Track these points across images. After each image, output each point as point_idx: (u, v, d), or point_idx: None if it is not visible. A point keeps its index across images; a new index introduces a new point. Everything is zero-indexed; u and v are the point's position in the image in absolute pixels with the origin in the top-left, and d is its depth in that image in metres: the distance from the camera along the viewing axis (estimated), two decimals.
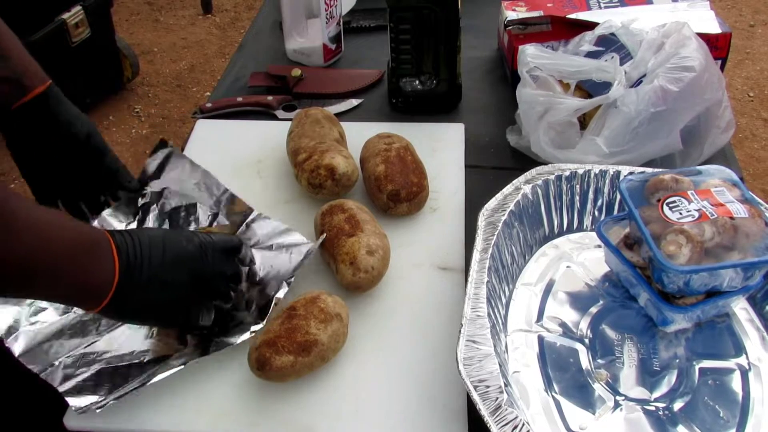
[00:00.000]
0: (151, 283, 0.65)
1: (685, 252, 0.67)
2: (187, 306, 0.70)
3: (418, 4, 1.00)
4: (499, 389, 0.60)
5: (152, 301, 0.66)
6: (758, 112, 2.61)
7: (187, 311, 0.70)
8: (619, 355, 0.72)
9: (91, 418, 0.70)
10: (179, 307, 0.69)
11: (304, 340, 0.69)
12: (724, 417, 0.67)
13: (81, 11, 2.36)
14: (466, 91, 1.12)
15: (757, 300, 0.77)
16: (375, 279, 0.78)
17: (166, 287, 0.66)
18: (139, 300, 0.65)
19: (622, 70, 0.90)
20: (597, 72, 0.92)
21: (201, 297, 0.70)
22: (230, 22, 3.30)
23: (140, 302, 0.66)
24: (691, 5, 1.06)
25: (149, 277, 0.65)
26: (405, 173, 0.88)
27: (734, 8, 3.18)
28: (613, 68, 0.91)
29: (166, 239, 0.68)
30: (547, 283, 0.79)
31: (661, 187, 0.74)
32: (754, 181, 2.32)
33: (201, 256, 0.69)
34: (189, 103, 2.79)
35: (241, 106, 1.13)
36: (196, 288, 0.69)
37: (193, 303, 0.70)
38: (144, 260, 0.64)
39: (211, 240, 0.72)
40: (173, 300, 0.68)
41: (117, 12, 3.10)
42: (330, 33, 1.20)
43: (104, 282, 0.62)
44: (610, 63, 0.92)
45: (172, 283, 0.67)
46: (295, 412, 0.70)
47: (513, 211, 0.78)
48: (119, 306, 0.64)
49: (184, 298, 0.69)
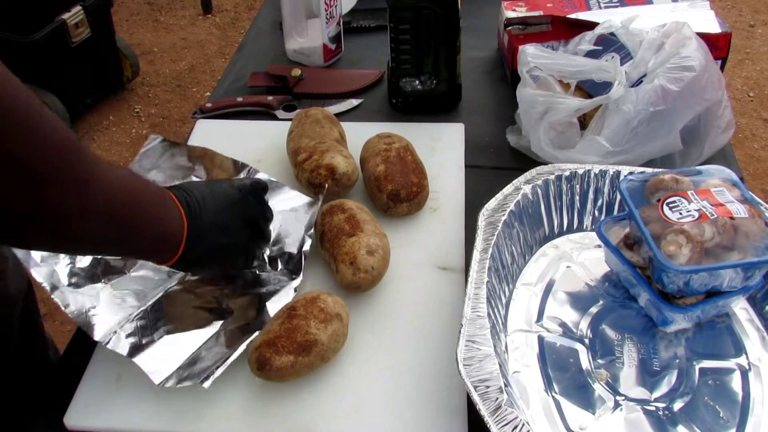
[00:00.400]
0: (212, 228, 0.68)
1: (685, 252, 0.67)
2: (245, 247, 0.74)
3: (418, 4, 1.00)
4: (499, 389, 0.60)
5: (216, 245, 0.69)
6: (758, 112, 2.61)
7: (245, 253, 0.75)
8: (619, 355, 0.72)
9: (91, 417, 0.70)
10: (238, 249, 0.73)
11: (304, 340, 0.69)
12: (724, 417, 0.67)
13: (81, 11, 2.36)
14: (466, 91, 1.12)
15: (757, 300, 0.77)
16: (375, 279, 0.78)
17: (225, 231, 0.70)
18: (205, 246, 0.68)
19: (623, 70, 0.90)
20: (597, 72, 0.92)
21: (251, 238, 0.75)
22: (230, 22, 3.30)
23: (207, 248, 0.68)
24: (691, 5, 1.06)
25: (210, 222, 0.68)
26: (405, 173, 0.88)
27: (734, 8, 3.18)
28: (614, 68, 0.91)
29: (212, 188, 0.71)
30: (547, 283, 0.79)
31: (661, 187, 0.74)
32: (754, 181, 2.32)
33: (243, 199, 0.73)
34: (189, 103, 2.79)
35: (241, 106, 1.13)
36: (247, 229, 0.73)
37: (247, 244, 0.74)
38: (202, 209, 0.67)
39: (245, 184, 0.75)
40: (232, 243, 0.71)
41: (117, 12, 3.11)
42: (330, 33, 1.20)
43: (177, 231, 0.64)
44: (611, 63, 0.92)
45: (229, 227, 0.70)
46: (295, 412, 0.70)
47: (513, 211, 0.78)
48: (191, 254, 0.66)
49: (240, 239, 0.73)
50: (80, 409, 0.71)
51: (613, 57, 0.93)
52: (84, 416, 0.70)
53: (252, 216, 0.74)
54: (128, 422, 0.70)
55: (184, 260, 0.66)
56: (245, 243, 0.74)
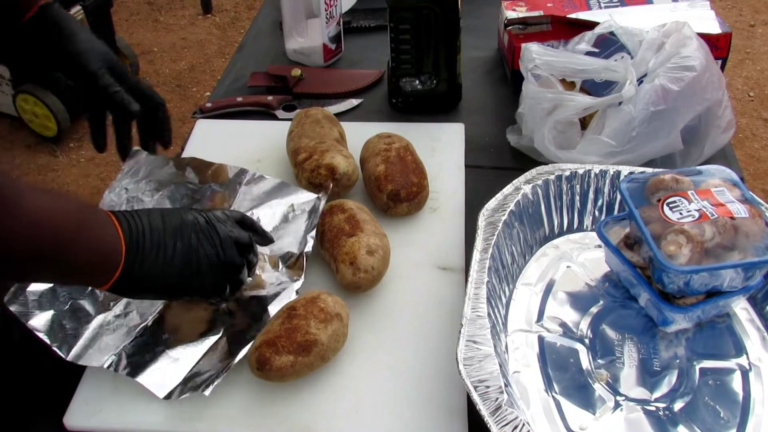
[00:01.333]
0: (158, 249, 0.65)
1: (686, 252, 0.67)
2: (203, 275, 0.69)
3: (418, 4, 1.00)
4: (499, 389, 0.60)
5: (162, 271, 0.66)
6: (758, 112, 2.61)
7: (204, 281, 0.69)
8: (619, 355, 0.72)
9: (91, 417, 0.70)
10: (193, 277, 0.68)
11: (304, 340, 0.69)
12: (724, 417, 0.66)
13: (81, 11, 2.36)
14: (466, 91, 1.12)
15: (757, 300, 0.76)
16: (375, 279, 0.78)
17: (174, 253, 0.66)
18: (148, 271, 0.65)
19: (633, 70, 0.90)
20: (605, 72, 0.91)
21: (214, 267, 0.69)
22: (230, 22, 3.30)
23: (149, 273, 0.65)
24: (692, 5, 1.06)
25: (154, 243, 0.65)
26: (405, 173, 0.88)
27: (734, 8, 3.18)
28: (624, 68, 0.90)
29: (164, 211, 0.69)
30: (547, 283, 0.79)
31: (662, 187, 0.74)
32: (755, 181, 2.32)
33: (204, 222, 0.69)
34: (189, 103, 2.79)
35: (241, 106, 1.13)
36: (210, 258, 0.69)
37: (207, 273, 0.69)
38: (146, 228, 0.65)
39: (212, 211, 0.72)
40: (184, 271, 0.67)
41: (117, 12, 3.10)
42: (330, 33, 1.20)
43: (112, 251, 0.62)
44: (620, 63, 0.91)
45: (178, 249, 0.66)
46: (295, 412, 0.70)
47: (513, 211, 0.78)
48: (130, 278, 0.64)
49: (193, 264, 0.68)
50: (80, 409, 0.71)
51: (623, 57, 0.93)
52: (84, 416, 0.70)
53: (212, 239, 0.69)
54: (128, 422, 0.70)
55: (123, 285, 0.64)
56: (204, 272, 0.68)
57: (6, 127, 2.63)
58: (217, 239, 0.69)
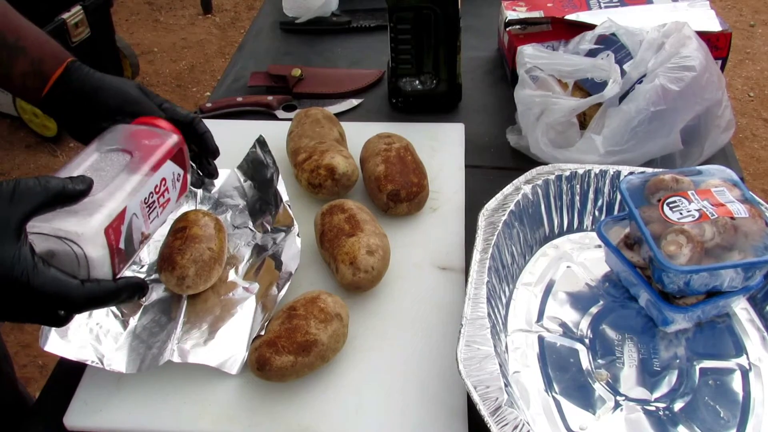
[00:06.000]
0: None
1: (686, 252, 0.67)
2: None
3: (418, 4, 1.00)
4: (499, 389, 0.60)
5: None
6: (758, 112, 2.61)
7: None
8: (619, 355, 0.72)
9: (91, 417, 0.70)
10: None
11: (304, 340, 0.69)
12: (724, 417, 0.66)
13: (81, 11, 2.36)
14: (466, 91, 1.12)
15: (757, 300, 0.76)
16: (375, 279, 0.78)
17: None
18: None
19: (617, 67, 0.90)
20: (593, 70, 0.92)
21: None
22: (230, 22, 3.31)
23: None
24: (691, 5, 1.06)
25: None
26: (405, 173, 0.88)
27: (734, 8, 3.18)
28: (609, 66, 0.90)
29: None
30: (547, 283, 0.79)
31: (662, 187, 0.74)
32: (755, 181, 2.32)
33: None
34: (189, 103, 2.79)
35: (241, 106, 1.13)
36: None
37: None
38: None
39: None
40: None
41: (117, 12, 3.11)
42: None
43: None
44: (606, 61, 0.92)
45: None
46: (295, 412, 0.70)
47: (513, 211, 0.78)
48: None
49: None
50: (80, 409, 0.71)
51: (608, 55, 0.93)
52: (84, 416, 0.70)
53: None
54: (128, 422, 0.70)
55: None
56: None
57: (6, 127, 2.63)
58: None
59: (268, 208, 0.88)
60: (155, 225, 0.71)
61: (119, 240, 0.62)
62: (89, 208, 0.60)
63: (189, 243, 0.77)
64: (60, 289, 0.55)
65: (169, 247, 0.77)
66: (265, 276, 0.81)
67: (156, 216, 0.70)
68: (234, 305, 0.78)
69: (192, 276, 0.76)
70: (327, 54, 1.28)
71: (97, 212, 0.60)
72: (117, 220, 0.62)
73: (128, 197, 0.64)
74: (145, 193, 0.67)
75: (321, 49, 1.29)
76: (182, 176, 0.75)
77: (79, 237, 0.58)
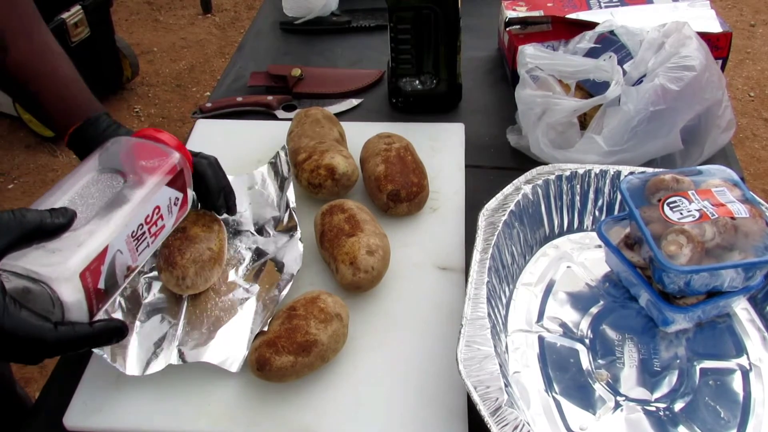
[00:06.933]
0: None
1: (686, 252, 0.67)
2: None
3: (418, 4, 1.00)
4: (499, 390, 0.60)
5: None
6: (759, 112, 2.61)
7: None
8: (619, 355, 0.72)
9: (91, 417, 0.70)
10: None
11: (304, 340, 0.69)
12: (724, 417, 0.66)
13: (80, 11, 2.36)
14: (466, 91, 1.12)
15: (758, 300, 0.76)
16: (375, 279, 0.78)
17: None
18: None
19: (620, 69, 0.90)
20: (595, 71, 0.92)
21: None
22: (230, 22, 3.31)
23: None
24: (692, 5, 1.06)
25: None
26: (405, 173, 0.88)
27: (735, 8, 3.18)
28: (611, 67, 0.90)
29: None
30: (547, 283, 0.79)
31: (662, 187, 0.74)
32: (755, 181, 2.32)
33: None
34: (189, 103, 2.79)
35: (241, 106, 1.13)
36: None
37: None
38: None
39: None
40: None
41: (117, 12, 3.11)
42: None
43: None
44: (608, 62, 0.92)
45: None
46: (295, 412, 0.70)
47: (513, 211, 0.78)
48: None
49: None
50: (80, 409, 0.71)
51: (611, 56, 0.93)
52: (83, 416, 0.70)
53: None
54: (128, 422, 0.70)
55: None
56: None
57: (6, 127, 2.63)
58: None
59: (273, 213, 0.88)
60: (145, 255, 0.66)
61: (98, 281, 0.58)
62: (67, 246, 0.56)
63: (189, 243, 0.77)
64: (31, 334, 0.52)
65: (169, 247, 0.77)
66: (265, 278, 0.81)
67: (146, 246, 0.65)
68: (234, 305, 0.78)
69: (192, 276, 0.76)
70: (327, 54, 1.28)
71: (75, 253, 0.56)
72: (96, 260, 0.57)
73: (112, 233, 0.59)
74: (133, 226, 0.62)
75: (321, 49, 1.29)
76: (181, 199, 0.70)
77: (52, 281, 0.54)
